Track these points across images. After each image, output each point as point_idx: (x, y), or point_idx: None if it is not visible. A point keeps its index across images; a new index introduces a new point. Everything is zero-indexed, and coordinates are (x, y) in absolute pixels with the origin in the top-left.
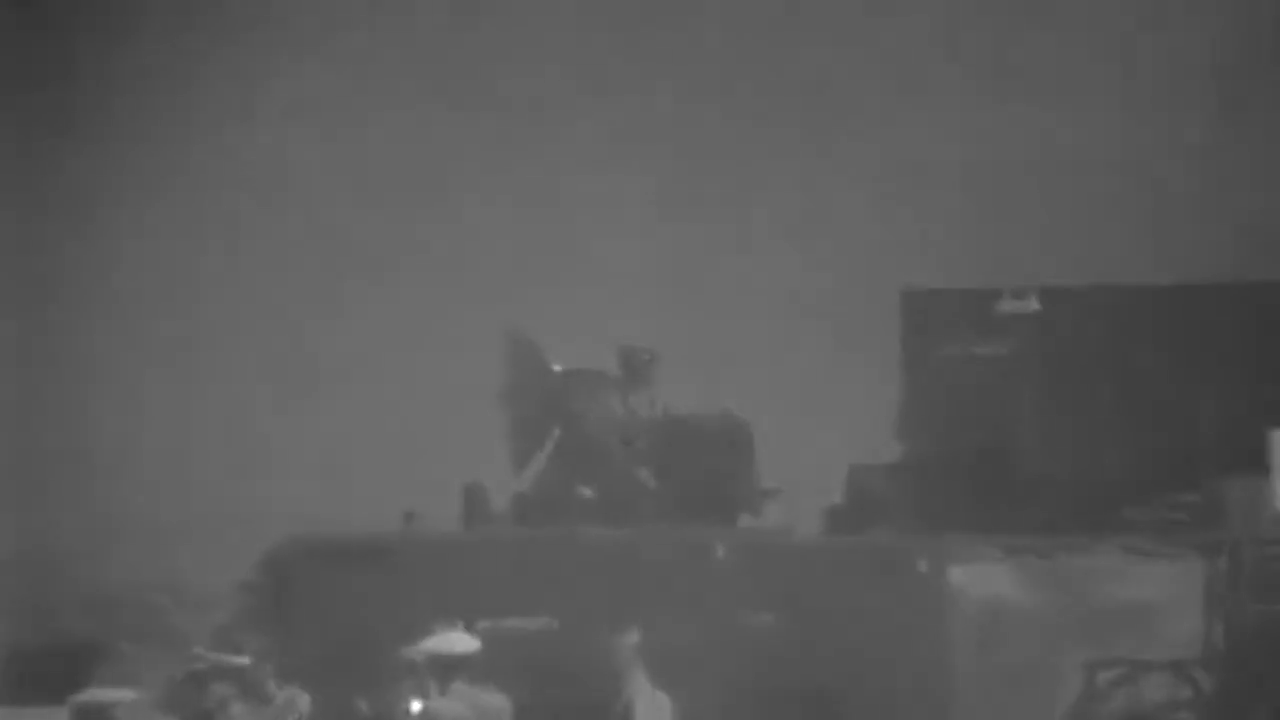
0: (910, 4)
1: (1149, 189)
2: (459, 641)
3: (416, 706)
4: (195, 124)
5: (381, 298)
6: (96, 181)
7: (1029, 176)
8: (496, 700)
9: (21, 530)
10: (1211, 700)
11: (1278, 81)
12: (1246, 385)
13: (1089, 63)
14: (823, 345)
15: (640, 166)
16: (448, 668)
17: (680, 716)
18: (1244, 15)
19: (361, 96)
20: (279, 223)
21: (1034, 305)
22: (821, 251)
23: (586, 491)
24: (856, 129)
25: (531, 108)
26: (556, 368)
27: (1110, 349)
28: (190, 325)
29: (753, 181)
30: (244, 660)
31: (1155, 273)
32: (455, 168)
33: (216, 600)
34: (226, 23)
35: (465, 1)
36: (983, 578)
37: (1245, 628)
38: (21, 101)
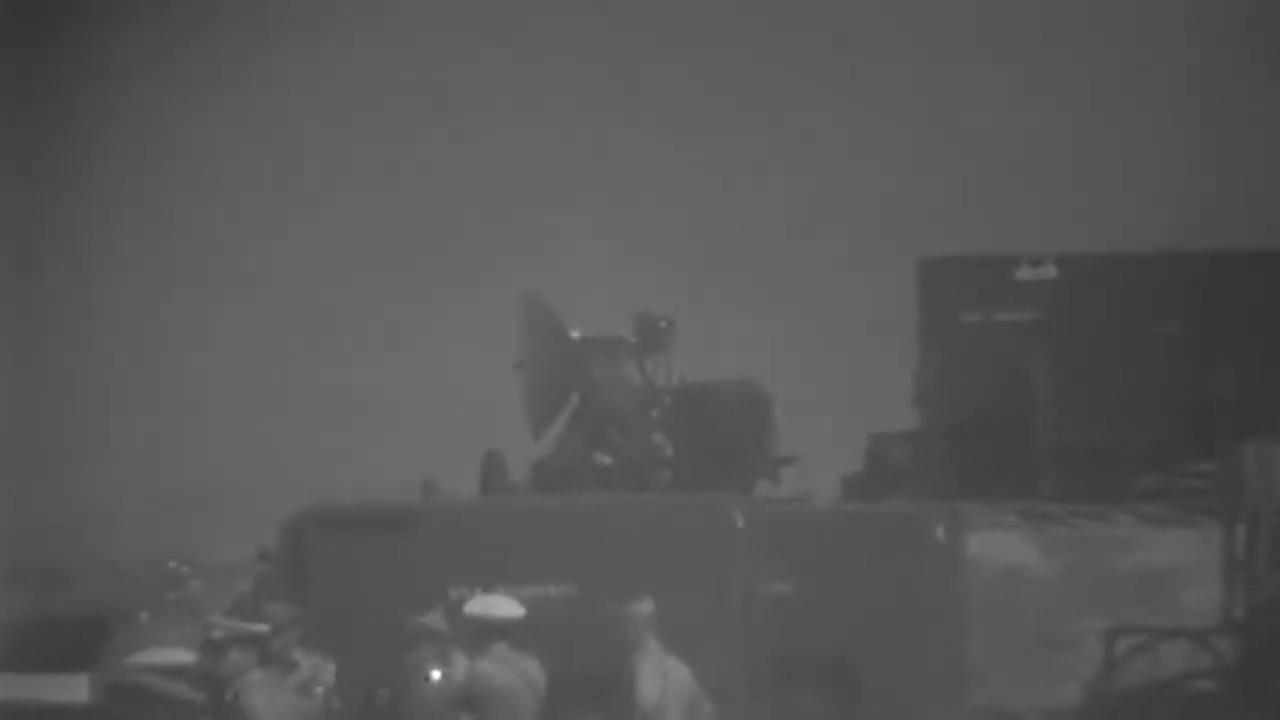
0: None
1: (1167, 158)
2: (504, 605)
3: (436, 675)
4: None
5: (398, 268)
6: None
7: (1047, 144)
8: (533, 666)
9: (40, 500)
10: (1231, 667)
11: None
12: (1264, 353)
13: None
14: (841, 313)
15: (659, 136)
16: (490, 632)
17: (698, 684)
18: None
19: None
20: (293, 201)
21: (1052, 273)
22: (840, 220)
23: (604, 459)
24: (875, 99)
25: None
26: (574, 335)
27: (1128, 316)
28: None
29: (772, 150)
30: (262, 628)
31: (1173, 240)
32: (471, 136)
33: (235, 569)
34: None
35: None
36: (1000, 545)
37: (1263, 594)
38: (21, 102)
